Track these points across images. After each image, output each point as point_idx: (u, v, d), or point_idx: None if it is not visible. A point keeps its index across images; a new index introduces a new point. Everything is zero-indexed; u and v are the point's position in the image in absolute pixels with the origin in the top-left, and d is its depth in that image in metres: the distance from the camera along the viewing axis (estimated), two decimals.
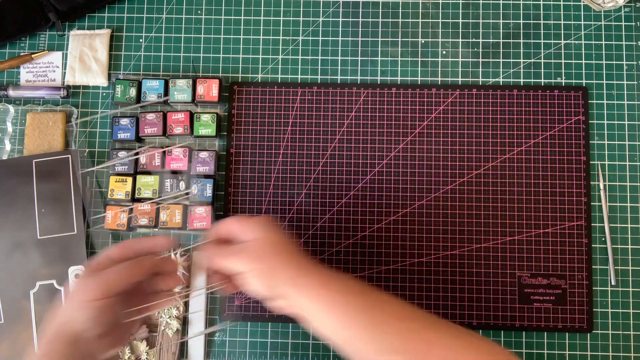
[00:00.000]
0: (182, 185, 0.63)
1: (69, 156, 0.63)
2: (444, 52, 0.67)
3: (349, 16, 0.68)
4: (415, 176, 0.64)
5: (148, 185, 0.63)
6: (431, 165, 0.64)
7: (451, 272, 0.62)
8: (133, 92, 0.64)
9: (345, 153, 0.65)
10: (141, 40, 0.68)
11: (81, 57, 0.67)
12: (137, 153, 0.63)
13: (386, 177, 0.64)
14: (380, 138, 0.65)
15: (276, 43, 0.67)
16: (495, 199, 0.63)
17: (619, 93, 0.65)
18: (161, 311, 0.61)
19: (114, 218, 0.62)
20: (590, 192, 0.63)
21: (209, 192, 0.63)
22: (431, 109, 0.65)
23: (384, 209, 0.64)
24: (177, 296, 0.59)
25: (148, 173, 0.64)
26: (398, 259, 0.63)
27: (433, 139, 0.64)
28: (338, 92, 0.66)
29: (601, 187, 0.63)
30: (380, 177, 0.64)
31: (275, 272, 0.46)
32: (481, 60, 0.66)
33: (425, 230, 0.63)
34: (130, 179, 0.63)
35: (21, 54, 0.67)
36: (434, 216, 0.63)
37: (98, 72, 0.66)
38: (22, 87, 0.66)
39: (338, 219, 0.64)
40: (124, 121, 0.64)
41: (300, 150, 0.65)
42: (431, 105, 0.65)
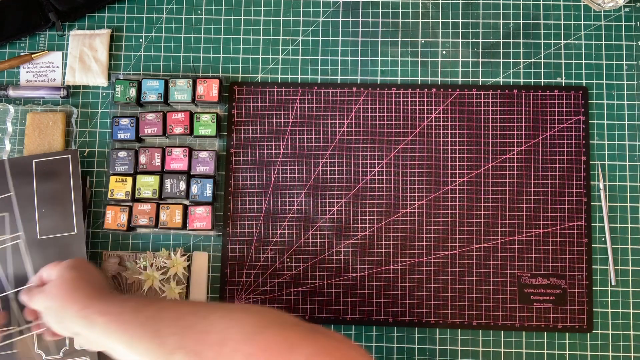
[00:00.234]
0: (182, 185, 0.63)
1: (69, 156, 0.63)
2: (444, 52, 0.67)
3: (349, 16, 0.68)
4: (415, 176, 0.64)
5: (148, 185, 0.63)
6: (431, 165, 0.64)
7: (451, 272, 0.62)
8: (133, 92, 0.64)
9: (345, 153, 0.65)
10: (141, 40, 0.68)
11: (81, 57, 0.67)
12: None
13: (386, 177, 0.64)
14: (380, 138, 0.65)
15: (276, 43, 0.67)
16: (495, 199, 0.63)
17: (619, 93, 0.65)
18: None
19: (114, 218, 0.62)
20: (590, 192, 0.63)
21: (209, 192, 0.63)
22: (431, 109, 0.65)
23: (384, 209, 0.64)
24: None
25: (148, 173, 0.64)
26: (398, 259, 0.63)
27: (433, 139, 0.64)
28: (338, 92, 0.66)
29: (601, 187, 0.63)
30: (380, 177, 0.64)
31: (64, 309, 0.48)
32: (481, 60, 0.66)
33: (425, 230, 0.63)
34: (130, 179, 0.63)
35: (21, 54, 0.67)
36: (434, 216, 0.63)
37: (98, 72, 0.66)
38: (22, 87, 0.66)
39: (338, 219, 0.64)
40: (124, 121, 0.64)
41: (300, 150, 0.65)
42: (431, 105, 0.65)
